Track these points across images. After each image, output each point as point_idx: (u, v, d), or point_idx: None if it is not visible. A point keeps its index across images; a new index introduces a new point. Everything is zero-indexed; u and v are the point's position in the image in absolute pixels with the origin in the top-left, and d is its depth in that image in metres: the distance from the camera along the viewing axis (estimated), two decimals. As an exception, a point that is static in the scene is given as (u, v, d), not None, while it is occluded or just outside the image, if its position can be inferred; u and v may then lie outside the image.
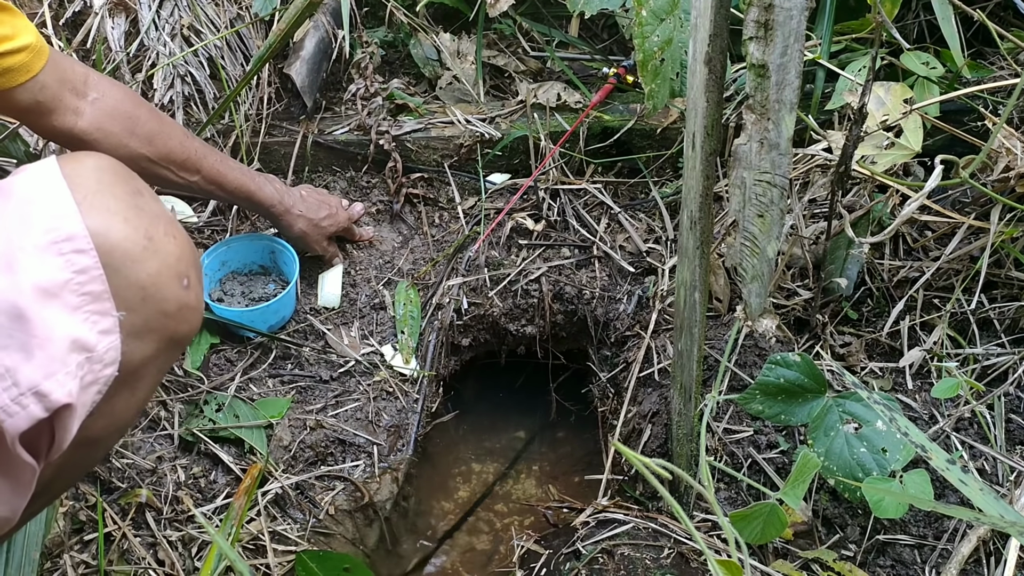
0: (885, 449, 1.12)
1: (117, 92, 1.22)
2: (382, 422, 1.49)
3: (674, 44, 1.35)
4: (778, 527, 1.00)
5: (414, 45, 1.85)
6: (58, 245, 0.80)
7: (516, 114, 1.77)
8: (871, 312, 1.48)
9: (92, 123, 1.17)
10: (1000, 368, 1.36)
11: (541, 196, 1.73)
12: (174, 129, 1.31)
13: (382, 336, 1.59)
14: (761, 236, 1.14)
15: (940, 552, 1.18)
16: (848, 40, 1.62)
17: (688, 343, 1.15)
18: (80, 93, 1.16)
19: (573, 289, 1.67)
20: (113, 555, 1.23)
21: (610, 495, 1.45)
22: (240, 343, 1.54)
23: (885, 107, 1.32)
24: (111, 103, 1.19)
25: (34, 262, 0.78)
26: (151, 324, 0.87)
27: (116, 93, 1.21)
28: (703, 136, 0.95)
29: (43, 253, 0.79)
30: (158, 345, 0.89)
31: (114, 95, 1.20)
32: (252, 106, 1.71)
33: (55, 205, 0.82)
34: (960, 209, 1.45)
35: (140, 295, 0.85)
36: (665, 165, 1.76)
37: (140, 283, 0.85)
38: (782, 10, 0.91)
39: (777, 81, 0.97)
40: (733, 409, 1.36)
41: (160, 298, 0.87)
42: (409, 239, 1.74)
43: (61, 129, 1.15)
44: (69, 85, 1.13)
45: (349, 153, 1.74)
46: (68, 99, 1.14)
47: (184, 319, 0.91)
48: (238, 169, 1.42)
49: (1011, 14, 1.63)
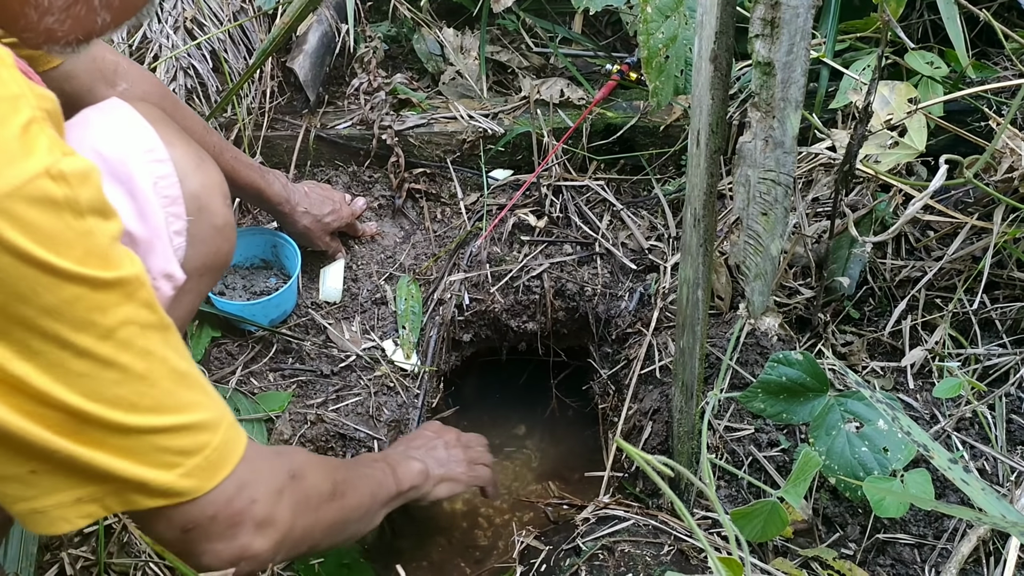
0: (886, 448, 1.12)
1: (145, 83, 1.22)
2: (383, 417, 1.49)
3: (679, 41, 1.34)
4: (779, 525, 1.00)
5: (417, 40, 1.85)
6: (144, 154, 0.91)
7: (519, 110, 1.77)
8: (873, 311, 1.48)
9: None
10: (1002, 368, 1.35)
11: (543, 192, 1.72)
12: (195, 123, 1.31)
13: (383, 331, 1.59)
14: (765, 234, 1.13)
15: (940, 551, 1.18)
16: (853, 39, 1.62)
17: (690, 341, 1.15)
18: (110, 83, 1.15)
19: (575, 286, 1.67)
20: (113, 547, 1.23)
21: (611, 492, 1.45)
22: (241, 337, 1.54)
23: (889, 106, 1.32)
24: (139, 94, 1.19)
25: (137, 168, 0.89)
26: (203, 234, 0.98)
27: (144, 84, 1.21)
28: (707, 133, 0.95)
29: (136, 160, 0.90)
30: (204, 260, 1.00)
31: (142, 86, 1.20)
32: (255, 100, 1.71)
33: (134, 123, 0.93)
34: (963, 209, 1.45)
35: (196, 204, 0.97)
36: (668, 162, 1.76)
37: (196, 193, 0.96)
38: (789, 8, 0.91)
39: (783, 79, 0.97)
40: (734, 407, 1.36)
41: (211, 211, 0.99)
42: (411, 234, 1.74)
43: None
44: (99, 75, 1.13)
45: (352, 148, 1.73)
46: (99, 89, 1.13)
47: (227, 237, 1.04)
48: (249, 166, 1.43)
49: (1016, 14, 1.63)
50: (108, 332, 0.63)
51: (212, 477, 0.73)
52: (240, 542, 0.77)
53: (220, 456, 0.73)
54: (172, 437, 0.69)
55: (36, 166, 0.57)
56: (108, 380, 0.64)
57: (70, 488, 0.66)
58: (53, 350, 0.60)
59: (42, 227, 0.57)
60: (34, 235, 0.57)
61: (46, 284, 0.58)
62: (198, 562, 0.78)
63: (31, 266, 0.57)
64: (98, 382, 0.63)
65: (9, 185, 0.55)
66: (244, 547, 0.78)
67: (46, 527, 0.67)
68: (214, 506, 0.74)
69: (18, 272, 0.57)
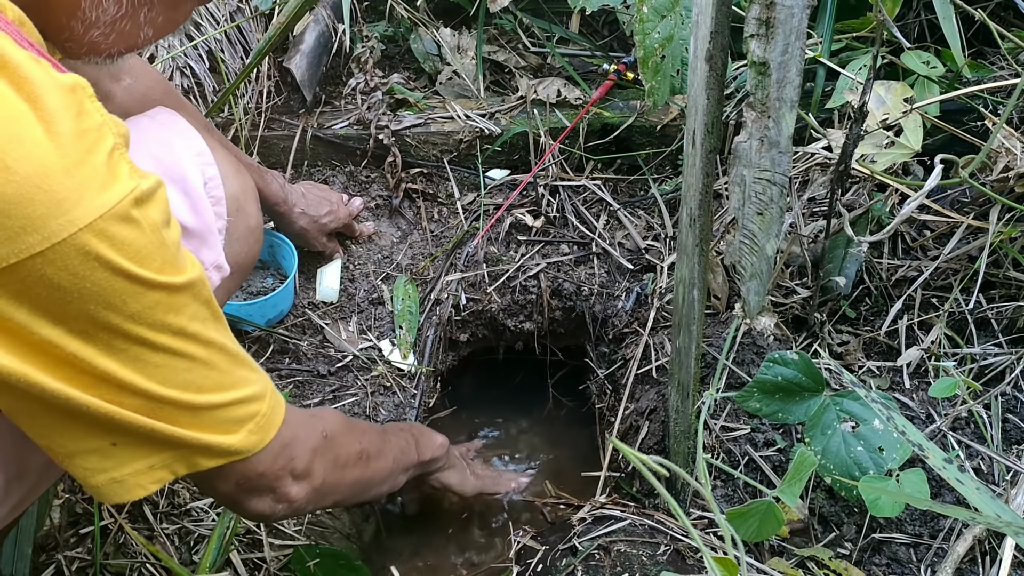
0: (882, 448, 1.12)
1: (148, 79, 1.23)
2: (380, 417, 1.49)
3: (675, 41, 1.34)
4: (774, 525, 1.00)
5: (414, 40, 1.85)
6: (196, 157, 0.99)
7: (516, 110, 1.77)
8: (869, 311, 1.48)
9: (120, 109, 1.16)
10: (997, 368, 1.36)
11: (540, 192, 1.72)
12: (196, 120, 1.31)
13: (380, 331, 1.59)
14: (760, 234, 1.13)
15: (936, 551, 1.18)
16: (849, 39, 1.62)
17: (686, 340, 1.15)
18: (115, 77, 1.17)
19: (571, 285, 1.67)
20: (109, 548, 1.23)
21: (607, 492, 1.45)
22: (238, 337, 1.53)
23: (885, 106, 1.32)
24: (142, 90, 1.20)
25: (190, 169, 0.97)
26: (239, 233, 1.06)
27: (147, 80, 1.22)
28: (703, 133, 0.95)
29: (189, 162, 0.98)
30: (237, 259, 1.06)
31: (146, 82, 1.21)
32: (251, 99, 1.71)
33: (185, 130, 1.01)
34: (959, 209, 1.45)
35: (236, 206, 1.04)
36: (665, 162, 1.76)
37: (235, 195, 1.04)
38: (784, 8, 0.91)
39: (778, 79, 0.97)
40: (731, 407, 1.36)
41: (247, 212, 1.07)
42: (408, 234, 1.74)
43: None
44: (104, 68, 1.13)
45: (348, 147, 1.73)
46: (103, 82, 1.14)
47: (257, 238, 1.12)
48: (248, 165, 1.43)
49: (1012, 14, 1.63)
50: (180, 329, 0.71)
51: (263, 438, 0.83)
52: (281, 492, 0.90)
53: (268, 421, 0.83)
54: (231, 409, 0.79)
55: (123, 190, 0.64)
56: (179, 368, 0.73)
57: (145, 457, 0.75)
58: (134, 347, 0.69)
59: (131, 243, 0.65)
60: (124, 251, 0.64)
61: (132, 293, 0.66)
62: (245, 509, 0.90)
63: (122, 278, 0.65)
64: (171, 371, 0.72)
65: (103, 208, 0.62)
66: (284, 495, 0.90)
67: (123, 495, 0.75)
68: (264, 464, 0.86)
69: (111, 284, 0.64)
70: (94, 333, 0.66)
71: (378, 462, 1.12)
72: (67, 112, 0.62)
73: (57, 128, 0.60)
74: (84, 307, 0.64)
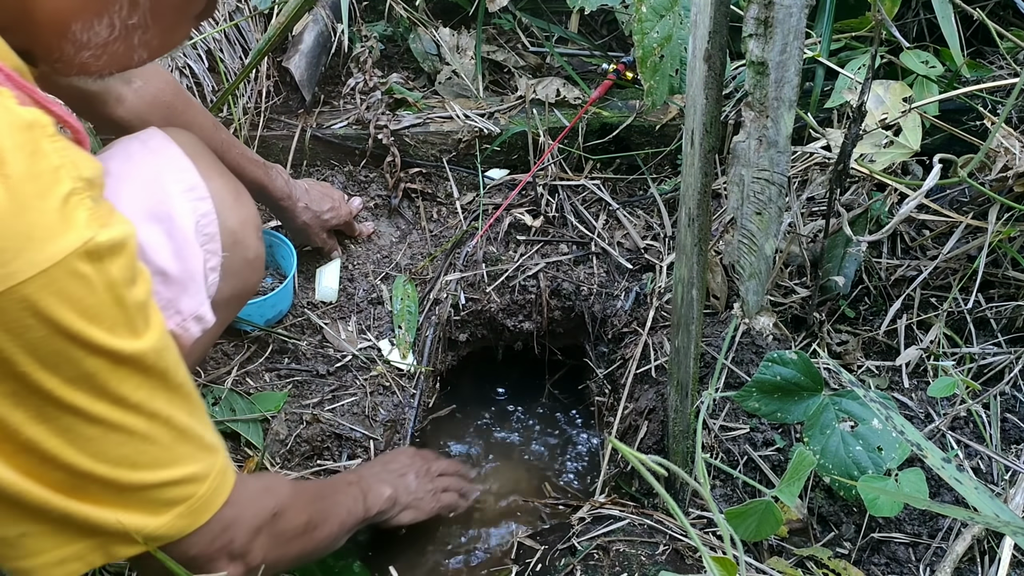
0: (881, 447, 1.12)
1: (159, 80, 1.22)
2: (379, 417, 1.49)
3: (673, 41, 1.34)
4: (773, 524, 1.00)
5: (413, 40, 1.85)
6: (187, 193, 0.94)
7: (515, 109, 1.77)
8: (868, 311, 1.48)
9: (132, 111, 1.17)
10: (996, 367, 1.36)
11: (539, 192, 1.72)
12: (206, 119, 1.32)
13: (379, 331, 1.59)
14: (759, 233, 1.14)
15: (935, 551, 1.18)
16: (848, 38, 1.62)
17: (685, 340, 1.15)
18: (126, 79, 1.16)
19: (571, 285, 1.67)
20: None
21: (607, 491, 1.45)
22: (237, 337, 1.53)
23: (884, 105, 1.32)
24: (152, 91, 1.19)
25: (179, 207, 0.92)
26: (235, 267, 1.01)
27: (158, 81, 1.22)
28: (702, 133, 0.95)
29: (179, 199, 0.92)
30: (233, 291, 1.02)
31: (156, 83, 1.21)
32: (251, 99, 1.71)
33: (177, 160, 0.95)
34: (958, 208, 1.45)
35: (232, 239, 1.00)
36: (664, 162, 1.76)
37: (232, 229, 0.99)
38: (782, 7, 0.91)
39: (776, 79, 0.97)
40: (729, 406, 1.36)
41: (245, 245, 1.03)
42: (407, 234, 1.74)
43: (102, 114, 1.15)
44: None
45: (347, 147, 1.73)
46: (114, 86, 1.14)
47: (256, 269, 1.08)
48: (254, 162, 1.44)
49: (1011, 13, 1.63)
50: (122, 398, 0.66)
51: (192, 523, 0.77)
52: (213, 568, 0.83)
53: (205, 503, 0.77)
54: (163, 490, 0.73)
55: (75, 241, 0.59)
56: (114, 442, 0.67)
57: (56, 548, 0.69)
58: (67, 416, 0.63)
59: (79, 300, 0.60)
60: (71, 307, 0.59)
61: (73, 355, 0.61)
62: None
63: (63, 338, 0.60)
64: (104, 443, 0.66)
65: (51, 260, 0.57)
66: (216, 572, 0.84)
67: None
68: (198, 546, 0.80)
69: (50, 344, 0.59)
70: (25, 397, 0.60)
71: (323, 529, 1.07)
72: (18, 152, 0.57)
73: (5, 169, 0.56)
74: (18, 367, 0.59)
